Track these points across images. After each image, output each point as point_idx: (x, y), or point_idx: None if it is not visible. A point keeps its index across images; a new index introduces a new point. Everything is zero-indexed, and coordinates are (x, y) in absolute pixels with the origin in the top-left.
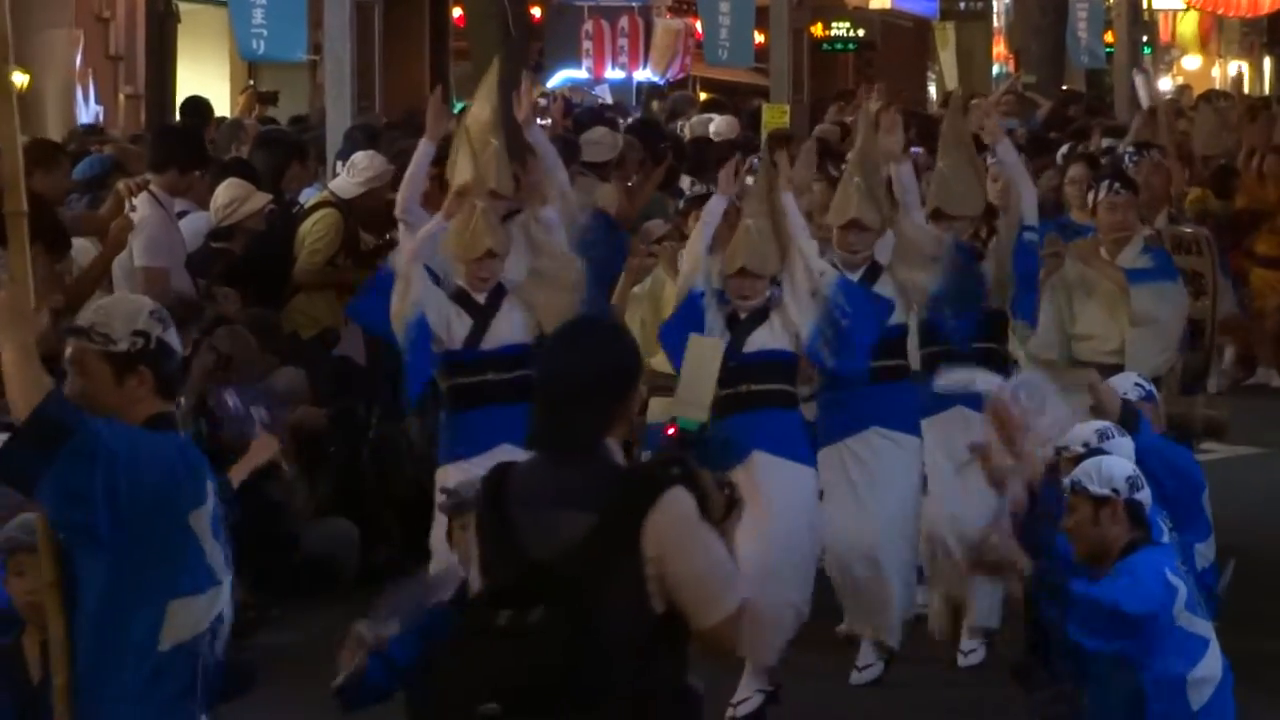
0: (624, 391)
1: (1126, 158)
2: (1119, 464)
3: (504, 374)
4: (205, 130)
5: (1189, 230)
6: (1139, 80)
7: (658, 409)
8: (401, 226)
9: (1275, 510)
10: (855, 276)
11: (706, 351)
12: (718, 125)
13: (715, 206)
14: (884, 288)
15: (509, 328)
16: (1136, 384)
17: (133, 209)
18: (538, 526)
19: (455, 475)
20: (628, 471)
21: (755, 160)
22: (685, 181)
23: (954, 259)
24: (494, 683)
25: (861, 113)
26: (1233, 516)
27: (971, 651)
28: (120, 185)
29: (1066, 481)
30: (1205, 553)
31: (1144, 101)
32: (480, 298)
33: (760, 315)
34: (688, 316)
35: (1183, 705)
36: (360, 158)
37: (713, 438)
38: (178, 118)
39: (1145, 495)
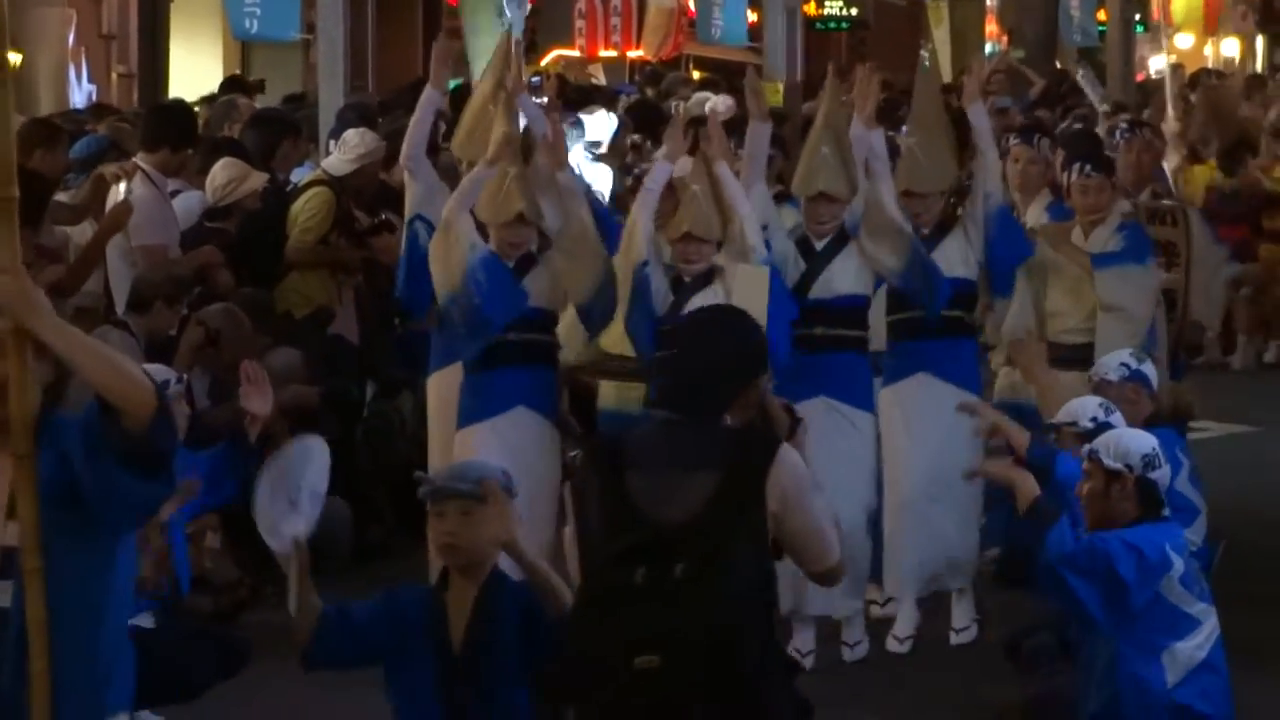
0: (755, 374)
1: (1118, 134)
2: (1140, 441)
3: (524, 335)
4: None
5: (1166, 202)
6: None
7: (609, 393)
8: (406, 175)
9: (1266, 489)
10: (820, 246)
11: (755, 280)
12: (715, 104)
13: (659, 174)
14: (849, 258)
15: (534, 292)
16: (1122, 364)
17: (129, 191)
18: (661, 488)
19: (471, 438)
20: (743, 431)
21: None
22: (685, 162)
23: (916, 255)
24: (644, 637)
25: (828, 82)
26: (1224, 496)
27: (964, 629)
28: (106, 171)
29: (1085, 449)
30: (1193, 536)
31: (1095, 102)
32: (509, 263)
33: (704, 280)
34: (641, 298)
35: (1156, 675)
36: (352, 135)
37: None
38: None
39: (1161, 474)
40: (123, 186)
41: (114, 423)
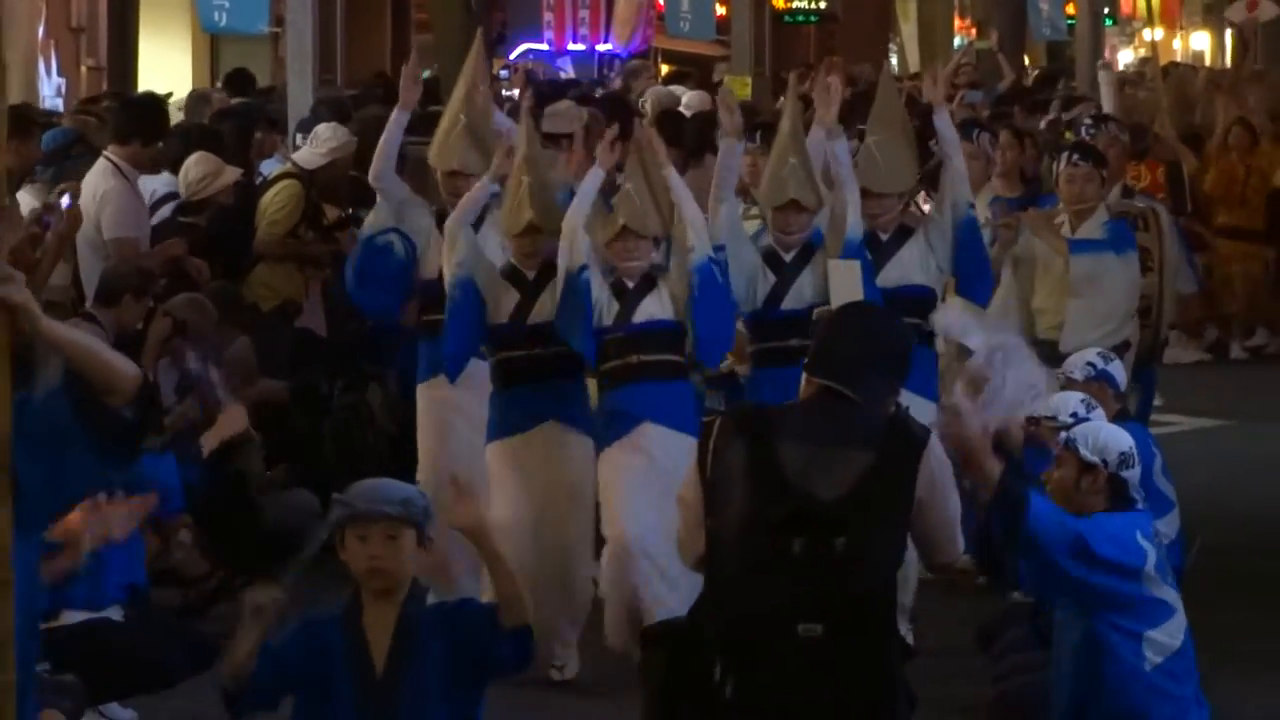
0: (906, 371)
1: (1084, 129)
2: (1119, 438)
3: (548, 349)
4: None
5: (1140, 204)
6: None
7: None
8: (379, 195)
9: (1239, 482)
10: (789, 257)
11: (848, 273)
12: (689, 99)
13: (592, 181)
14: (819, 268)
15: (554, 304)
16: (1088, 363)
17: (73, 204)
18: (815, 462)
19: (500, 453)
20: (898, 416)
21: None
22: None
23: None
24: (806, 605)
25: (790, 89)
26: (1197, 489)
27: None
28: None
29: (1062, 436)
30: (1166, 529)
31: (1106, 102)
32: (530, 273)
33: (648, 284)
34: (577, 299)
35: (1138, 661)
36: (323, 129)
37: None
38: (228, 88)
39: (1132, 475)
40: (66, 199)
41: (93, 400)
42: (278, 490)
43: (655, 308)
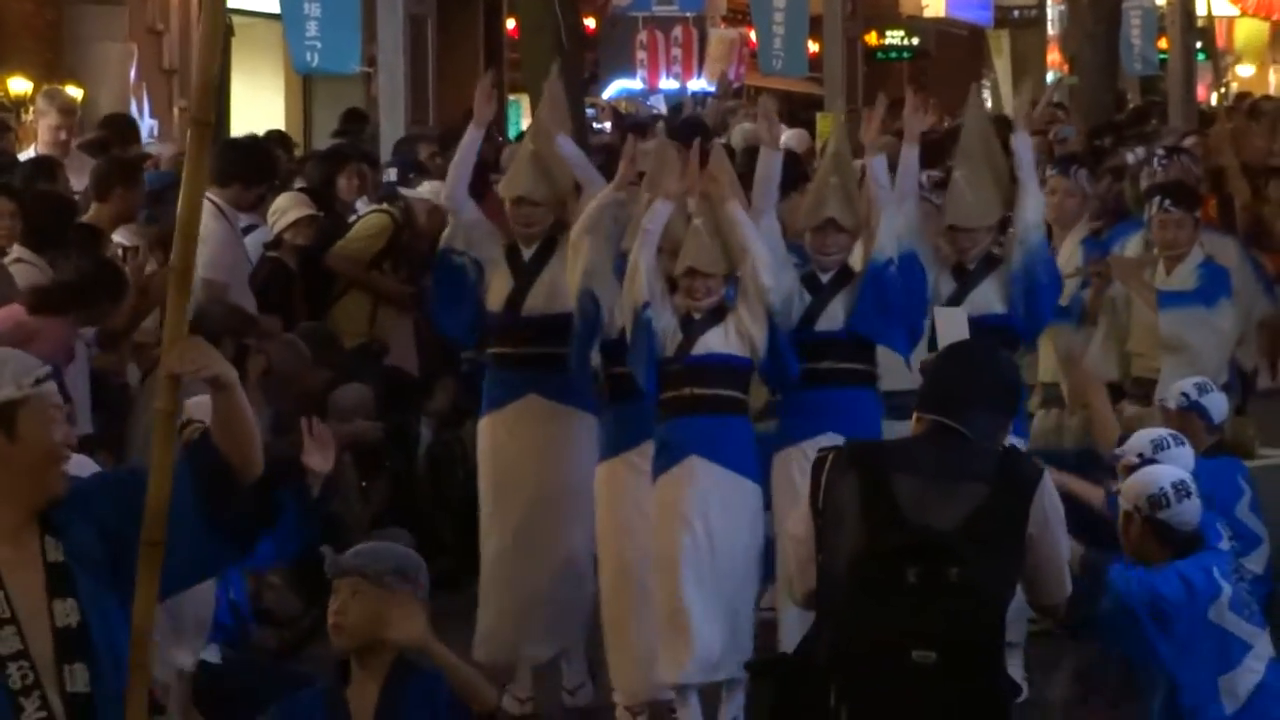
0: (1016, 405)
1: (1155, 160)
2: (1147, 479)
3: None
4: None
5: (1205, 239)
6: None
7: None
8: (450, 213)
9: None
10: (826, 279)
11: (954, 319)
12: (788, 138)
13: (660, 212)
14: (853, 290)
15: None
16: (1183, 393)
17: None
18: (929, 494)
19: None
20: (1012, 451)
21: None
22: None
23: None
24: (920, 633)
25: (839, 118)
26: None
27: None
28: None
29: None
30: (1253, 565)
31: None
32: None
33: (715, 317)
34: (641, 336)
35: (1215, 708)
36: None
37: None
38: (341, 125)
39: (1170, 514)
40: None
41: (228, 481)
42: (372, 530)
43: (718, 341)
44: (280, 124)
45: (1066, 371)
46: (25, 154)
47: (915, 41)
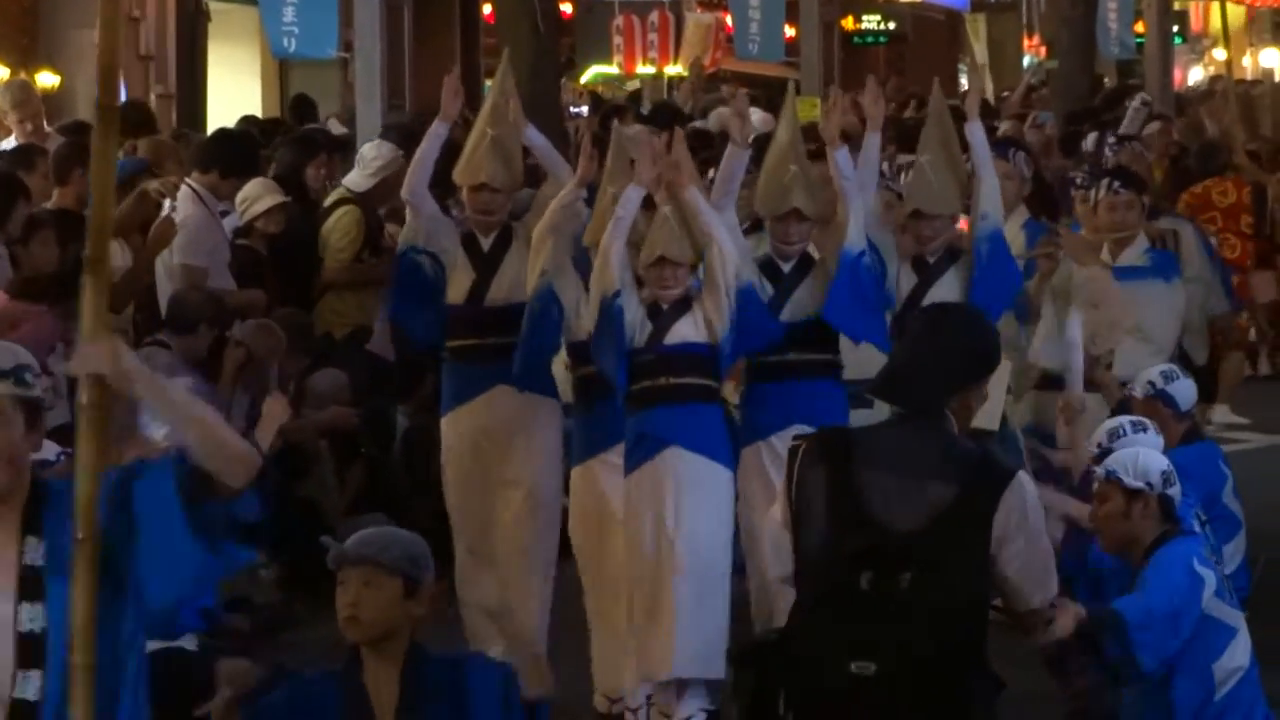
0: (981, 376)
1: (1107, 148)
2: (1155, 458)
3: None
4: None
5: (1164, 224)
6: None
7: None
8: (409, 209)
9: None
10: (788, 268)
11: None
12: (758, 122)
13: (631, 198)
14: (814, 282)
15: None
16: (1149, 381)
17: (173, 208)
18: (894, 493)
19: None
20: (983, 451)
21: None
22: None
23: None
24: (863, 643)
25: (788, 99)
26: (1266, 508)
27: None
28: (149, 187)
29: (1100, 470)
30: (1233, 553)
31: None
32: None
33: (683, 306)
34: (610, 325)
35: (1207, 691)
36: (368, 149)
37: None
38: (292, 113)
39: (1177, 490)
40: (167, 203)
41: (202, 487)
42: (349, 516)
43: (690, 330)
44: (257, 109)
45: (1067, 419)
46: (5, 143)
47: (892, 26)
